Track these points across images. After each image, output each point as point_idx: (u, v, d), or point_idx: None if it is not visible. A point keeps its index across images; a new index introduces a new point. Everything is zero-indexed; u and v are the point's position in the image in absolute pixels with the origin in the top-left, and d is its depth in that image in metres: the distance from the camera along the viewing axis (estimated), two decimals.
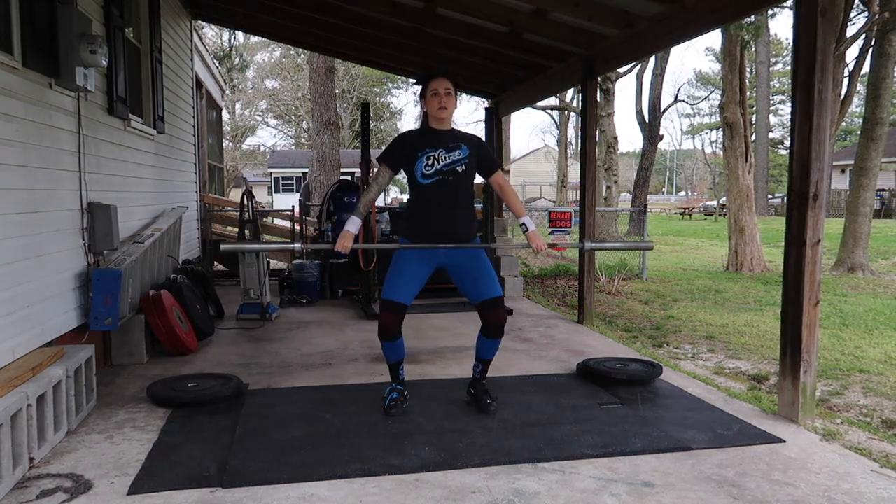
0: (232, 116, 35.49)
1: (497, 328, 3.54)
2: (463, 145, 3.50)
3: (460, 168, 3.46)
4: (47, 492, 2.64)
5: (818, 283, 3.48)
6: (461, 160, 3.46)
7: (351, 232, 3.40)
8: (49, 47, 3.68)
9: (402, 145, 3.54)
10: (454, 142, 3.50)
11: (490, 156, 3.65)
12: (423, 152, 3.45)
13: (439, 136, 3.49)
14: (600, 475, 2.81)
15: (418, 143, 3.48)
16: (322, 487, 2.69)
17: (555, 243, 3.75)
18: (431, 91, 3.44)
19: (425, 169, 3.43)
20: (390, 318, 3.47)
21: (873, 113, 10.87)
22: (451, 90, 3.46)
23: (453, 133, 3.55)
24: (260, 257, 6.31)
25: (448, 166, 3.44)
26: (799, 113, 3.44)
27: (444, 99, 3.43)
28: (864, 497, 2.64)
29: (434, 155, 3.44)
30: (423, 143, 3.47)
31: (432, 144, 3.46)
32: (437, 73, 3.50)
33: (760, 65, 34.31)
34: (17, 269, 3.35)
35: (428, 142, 3.47)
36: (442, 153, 3.46)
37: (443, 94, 3.43)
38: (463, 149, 3.49)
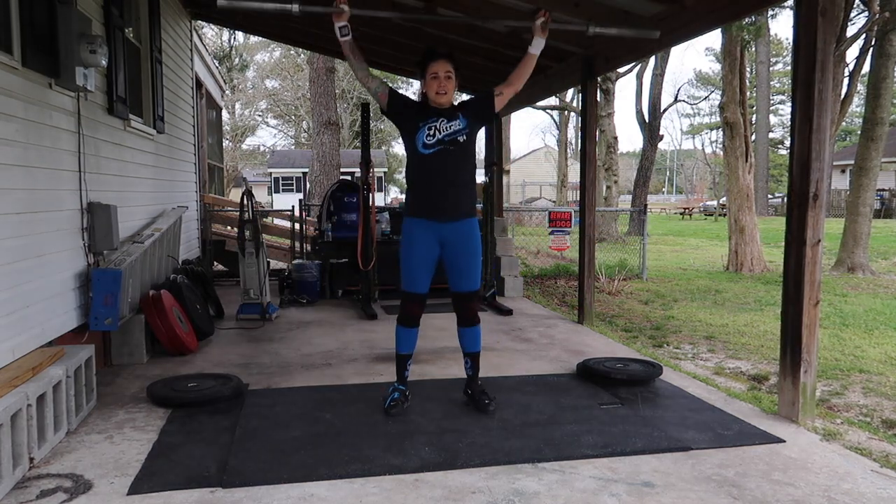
0: (232, 116, 35.50)
1: (468, 316, 3.65)
2: (461, 115, 3.49)
3: (461, 138, 3.46)
4: (47, 492, 2.64)
5: (818, 283, 3.48)
6: (462, 130, 3.47)
7: None
8: (49, 47, 3.68)
9: (406, 101, 3.57)
10: (455, 113, 3.50)
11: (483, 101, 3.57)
12: (424, 122, 3.45)
13: (440, 111, 3.49)
14: (600, 475, 2.81)
15: (421, 112, 3.48)
16: (322, 487, 2.69)
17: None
18: (431, 74, 3.40)
19: (427, 139, 3.43)
20: (414, 307, 3.59)
21: (873, 113, 10.87)
22: (451, 73, 3.41)
23: (453, 107, 3.54)
24: (260, 257, 6.31)
25: (450, 136, 3.45)
26: (799, 113, 3.44)
27: (443, 83, 3.39)
28: (864, 497, 2.64)
29: (435, 125, 3.44)
30: (425, 114, 3.47)
31: (434, 115, 3.47)
32: (437, 54, 3.44)
33: (760, 65, 34.31)
34: (18, 269, 3.35)
35: (429, 113, 3.47)
36: (443, 122, 3.45)
37: (442, 78, 3.39)
38: (461, 119, 3.48)
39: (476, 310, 3.69)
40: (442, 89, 3.40)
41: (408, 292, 3.59)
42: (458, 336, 3.71)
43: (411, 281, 3.57)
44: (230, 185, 24.83)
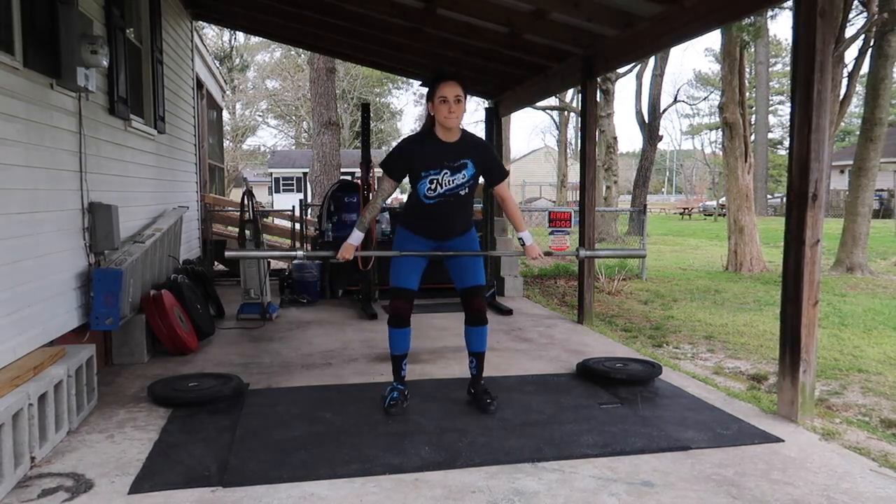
0: (232, 116, 35.51)
1: (477, 315, 3.63)
2: (469, 163, 3.42)
3: (463, 192, 3.46)
4: (48, 491, 2.65)
5: (817, 283, 3.49)
6: (465, 183, 3.44)
7: (352, 244, 3.45)
8: (50, 48, 3.68)
9: (405, 157, 3.45)
10: (460, 158, 3.41)
11: (496, 166, 3.56)
12: (427, 173, 3.39)
13: (444, 151, 3.39)
14: (600, 475, 2.82)
15: (421, 160, 3.39)
16: (322, 487, 2.70)
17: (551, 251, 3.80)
18: (440, 97, 3.30)
19: (428, 192, 3.43)
20: (402, 304, 3.56)
21: (872, 113, 10.87)
22: (460, 96, 3.32)
23: (460, 144, 3.43)
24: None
25: (451, 190, 3.43)
26: (798, 113, 3.45)
27: (453, 106, 3.30)
28: (862, 496, 2.65)
29: (437, 179, 3.40)
30: (427, 160, 3.39)
31: (436, 163, 3.38)
32: (446, 76, 3.35)
33: (760, 65, 34.33)
34: (19, 269, 3.36)
35: (432, 159, 3.38)
36: (446, 176, 3.40)
37: (452, 102, 3.29)
38: (469, 168, 3.43)
39: (484, 308, 3.67)
40: (451, 114, 3.31)
41: (395, 288, 3.57)
42: (464, 335, 3.71)
43: (398, 276, 3.57)
44: (231, 185, 24.84)
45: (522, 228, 3.59)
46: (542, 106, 26.03)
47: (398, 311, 3.57)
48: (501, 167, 3.61)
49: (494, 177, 3.56)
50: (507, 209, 3.63)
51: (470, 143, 3.47)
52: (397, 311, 3.57)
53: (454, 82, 3.33)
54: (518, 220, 3.62)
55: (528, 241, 3.57)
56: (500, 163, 3.64)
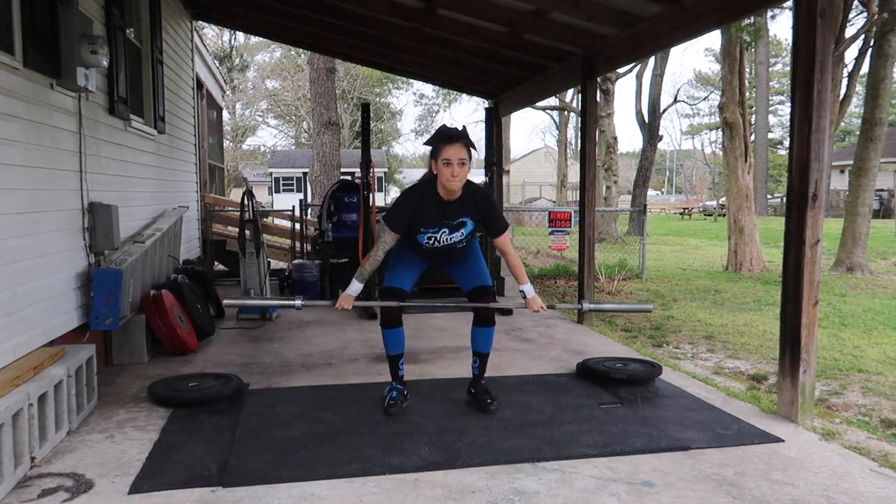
0: (232, 116, 35.52)
1: (486, 315, 3.63)
2: (468, 220, 3.44)
3: (460, 245, 3.52)
4: (48, 491, 2.65)
5: (817, 283, 3.49)
6: (462, 239, 3.49)
7: (351, 295, 3.47)
8: (50, 48, 3.68)
9: (406, 213, 3.42)
10: (459, 216, 3.41)
11: (495, 220, 3.51)
12: (426, 230, 3.42)
13: (444, 210, 3.39)
14: (600, 475, 2.82)
15: (421, 217, 3.40)
16: (322, 487, 2.70)
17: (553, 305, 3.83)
18: (444, 159, 3.26)
19: (426, 244, 3.48)
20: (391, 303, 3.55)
21: (872, 113, 10.87)
22: (465, 160, 3.27)
23: (461, 202, 3.40)
24: (260, 257, 6.32)
25: (449, 245, 3.49)
26: (798, 113, 3.45)
27: (456, 169, 3.25)
28: (862, 496, 2.65)
29: (436, 236, 3.44)
30: (427, 219, 3.39)
31: (435, 222, 3.40)
32: (453, 138, 3.28)
33: (760, 65, 34.32)
34: (19, 269, 3.36)
35: (431, 218, 3.39)
36: (444, 234, 3.44)
37: (455, 165, 3.25)
38: (467, 226, 3.46)
39: (493, 308, 3.65)
40: (455, 177, 3.27)
41: (386, 286, 3.58)
42: (471, 335, 3.70)
43: (391, 274, 3.59)
44: (231, 185, 24.84)
45: (524, 281, 3.54)
46: (542, 106, 26.04)
47: (389, 312, 3.58)
48: (501, 221, 3.53)
49: (493, 231, 3.53)
50: (509, 262, 3.57)
51: (470, 199, 3.43)
52: (388, 312, 3.58)
53: (459, 144, 3.27)
54: (519, 273, 3.55)
55: (530, 295, 3.53)
56: (499, 216, 3.56)
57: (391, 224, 3.44)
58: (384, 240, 3.47)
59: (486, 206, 3.48)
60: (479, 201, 3.45)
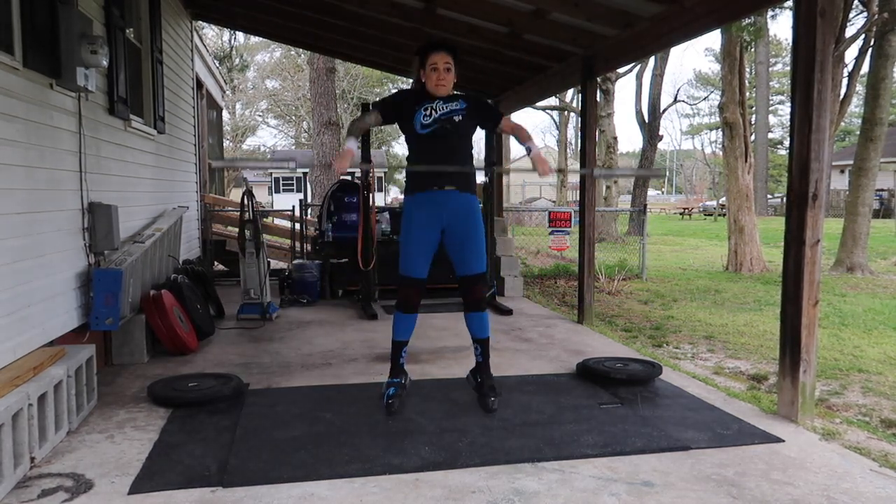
0: (232, 116, 35.52)
1: (475, 301, 3.66)
2: (460, 100, 3.55)
3: (457, 118, 3.51)
4: (48, 491, 2.65)
5: (817, 283, 3.49)
6: (459, 110, 3.52)
7: (350, 149, 3.45)
8: (50, 48, 3.68)
9: (399, 99, 3.59)
10: (452, 100, 3.53)
11: (489, 106, 3.65)
12: (421, 104, 3.50)
13: (437, 97, 3.52)
14: (600, 475, 2.82)
15: (416, 100, 3.51)
16: (322, 487, 2.70)
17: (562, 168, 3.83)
18: (430, 65, 3.41)
19: (424, 119, 3.48)
20: (411, 292, 3.61)
21: (872, 113, 10.88)
22: (450, 65, 3.42)
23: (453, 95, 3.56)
24: (260, 257, 6.32)
25: (446, 115, 3.50)
26: (798, 113, 3.45)
27: (442, 74, 3.40)
28: (863, 496, 2.65)
29: (431, 106, 3.49)
30: (422, 100, 3.51)
31: (430, 99, 3.51)
32: (437, 45, 3.43)
33: (760, 65, 34.34)
34: (19, 269, 3.36)
35: (426, 98, 3.51)
36: (439, 104, 3.50)
37: (441, 70, 3.40)
38: (460, 102, 3.53)
39: (482, 294, 3.68)
40: (441, 81, 3.41)
41: (406, 276, 3.60)
42: (466, 323, 3.73)
43: (410, 264, 3.59)
44: (230, 185, 24.82)
45: (530, 139, 3.59)
46: (542, 106, 26.03)
47: (409, 299, 3.62)
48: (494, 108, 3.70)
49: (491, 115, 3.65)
50: (514, 132, 3.63)
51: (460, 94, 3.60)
52: (408, 299, 3.62)
53: (444, 51, 3.41)
54: (523, 133, 3.61)
55: (535, 150, 3.57)
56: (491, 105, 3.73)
57: (381, 107, 3.61)
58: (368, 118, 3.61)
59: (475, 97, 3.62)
60: (468, 95, 3.60)
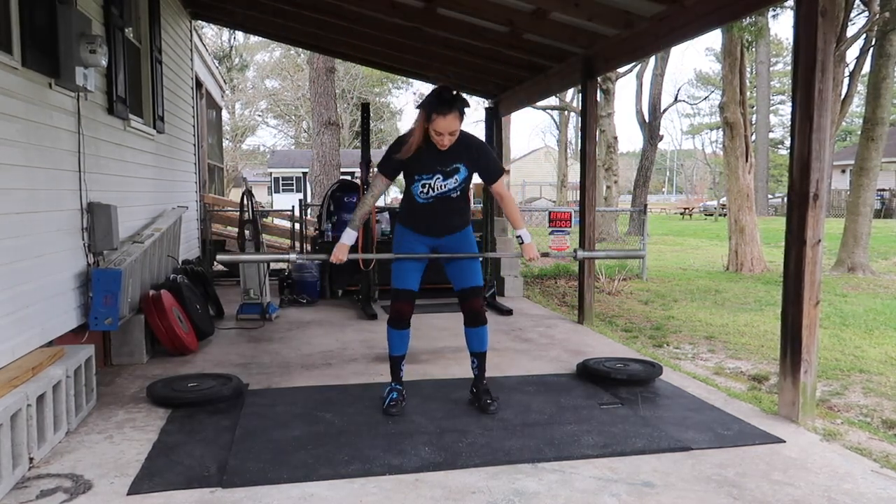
0: (232, 116, 35.51)
1: (473, 315, 3.62)
2: (462, 167, 3.40)
3: (454, 195, 3.48)
4: (47, 492, 2.64)
5: (818, 283, 3.48)
6: (457, 187, 3.45)
7: (346, 244, 3.42)
8: (49, 47, 3.67)
9: (399, 157, 3.40)
10: (453, 162, 3.39)
11: (491, 164, 3.50)
12: (419, 177, 3.40)
13: (438, 156, 3.37)
14: (600, 475, 2.81)
15: (415, 162, 3.38)
16: (322, 487, 2.69)
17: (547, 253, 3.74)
18: (435, 129, 3.24)
19: (419, 194, 3.46)
20: (404, 305, 3.57)
21: (873, 113, 10.87)
22: (455, 132, 3.28)
23: (454, 149, 3.36)
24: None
25: (443, 193, 3.45)
26: (799, 113, 3.44)
27: (446, 139, 3.28)
28: (864, 497, 2.64)
29: (429, 183, 3.41)
30: (420, 165, 3.38)
31: (429, 168, 3.38)
32: (445, 107, 3.21)
33: (760, 65, 34.32)
34: (18, 269, 3.35)
35: (425, 164, 3.38)
36: (438, 181, 3.41)
37: (446, 136, 3.27)
38: (461, 172, 3.41)
39: (482, 308, 3.65)
40: (445, 145, 3.30)
41: (397, 289, 3.58)
42: (465, 336, 3.70)
43: (400, 277, 3.57)
44: (230, 185, 24.83)
45: (521, 226, 3.58)
46: (542, 106, 26.01)
47: (400, 313, 3.58)
48: (497, 166, 3.56)
49: (490, 176, 3.53)
50: (505, 207, 3.61)
51: (464, 145, 3.41)
52: (399, 313, 3.58)
53: (452, 115, 3.22)
54: (516, 218, 3.60)
55: (527, 240, 3.55)
56: (495, 161, 3.57)
57: (383, 168, 3.47)
58: (376, 184, 3.50)
59: (480, 153, 3.45)
60: (472, 147, 3.43)
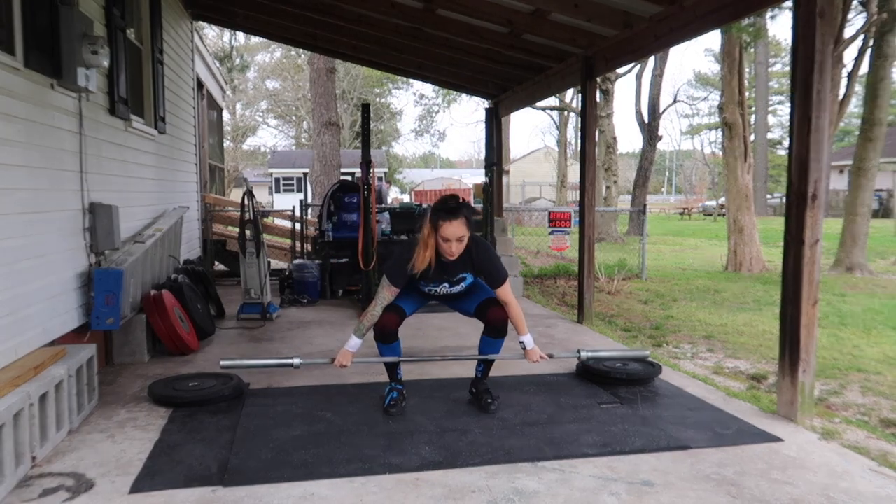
0: (233, 117, 35.52)
1: (498, 327, 3.57)
2: (468, 276, 3.49)
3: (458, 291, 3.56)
4: (49, 490, 2.66)
5: (817, 283, 3.50)
6: (463, 289, 3.54)
7: (350, 352, 3.47)
8: (51, 48, 3.69)
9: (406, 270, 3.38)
10: (459, 273, 3.45)
11: (493, 271, 3.47)
12: (427, 285, 3.50)
13: (444, 269, 3.42)
14: (600, 474, 2.82)
15: (422, 276, 3.42)
16: (323, 486, 2.70)
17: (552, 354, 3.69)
18: (443, 237, 3.27)
19: (426, 291, 3.55)
20: (391, 318, 3.47)
21: (871, 113, 10.88)
22: (463, 237, 3.29)
23: (461, 260, 3.40)
24: (261, 257, 6.32)
25: (449, 296, 3.56)
26: (798, 113, 3.46)
27: (454, 246, 3.29)
28: (862, 495, 2.65)
29: (436, 290, 3.51)
30: (428, 276, 3.43)
31: (436, 278, 3.45)
32: (452, 213, 3.26)
33: (759, 65, 34.34)
34: (20, 270, 3.36)
35: (432, 275, 3.42)
36: (444, 288, 3.51)
37: (454, 242, 3.29)
38: (467, 280, 3.51)
39: (506, 318, 3.54)
40: (454, 253, 3.31)
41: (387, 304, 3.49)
42: (480, 342, 3.68)
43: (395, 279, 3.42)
44: (231, 186, 24.83)
45: (524, 332, 3.55)
46: (542, 106, 26.03)
47: (385, 327, 3.46)
48: (500, 272, 3.49)
49: (493, 283, 3.52)
50: (510, 313, 3.52)
51: (469, 255, 3.42)
52: (384, 327, 3.46)
53: (458, 221, 3.26)
54: (519, 323, 3.54)
55: (529, 346, 3.53)
56: (498, 267, 3.51)
57: (392, 279, 3.40)
58: (382, 295, 3.42)
59: (485, 261, 3.46)
60: (477, 257, 3.45)
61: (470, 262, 3.43)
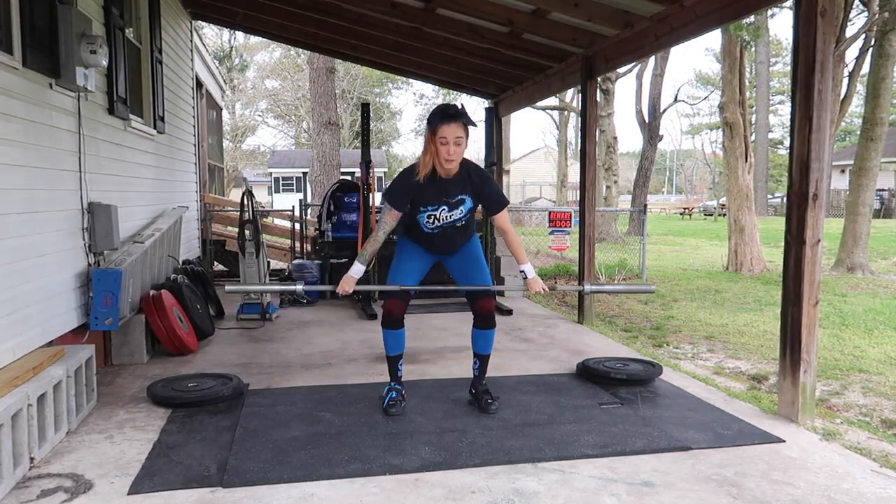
0: (232, 116, 35.52)
1: (485, 317, 3.61)
2: (467, 198, 3.44)
3: (460, 223, 3.50)
4: (48, 491, 2.65)
5: (818, 283, 3.49)
6: (462, 217, 3.48)
7: (354, 277, 3.42)
8: (49, 47, 3.68)
9: (405, 191, 3.40)
10: (458, 194, 3.41)
11: (493, 195, 3.48)
12: (425, 208, 3.42)
13: (443, 188, 3.38)
14: (600, 475, 2.81)
15: (420, 195, 3.39)
16: (322, 487, 2.69)
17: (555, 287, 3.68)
18: (440, 138, 3.24)
19: (426, 224, 3.47)
20: (396, 304, 3.54)
21: (873, 113, 10.87)
22: (461, 139, 3.26)
23: (459, 179, 3.39)
24: (260, 257, 6.32)
25: (449, 223, 3.48)
26: (799, 113, 3.45)
27: (452, 149, 3.25)
28: (863, 497, 2.64)
29: (435, 214, 3.44)
30: (426, 197, 3.39)
31: (435, 200, 3.40)
32: (450, 116, 3.24)
33: (760, 65, 34.32)
34: (18, 269, 3.35)
35: (431, 195, 3.39)
36: (444, 212, 3.44)
37: (452, 144, 3.25)
38: (466, 203, 3.45)
39: (493, 310, 3.63)
40: (451, 156, 3.27)
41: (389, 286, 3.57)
42: (471, 337, 3.70)
43: (395, 276, 3.55)
44: (230, 185, 24.84)
45: (524, 261, 3.53)
46: (542, 106, 26.04)
47: (391, 312, 3.56)
48: (500, 198, 3.51)
49: (492, 208, 3.51)
50: (508, 241, 3.54)
51: (468, 176, 3.42)
52: (390, 312, 3.56)
53: (457, 123, 3.24)
54: (519, 252, 3.55)
55: (530, 275, 3.51)
56: (498, 193, 3.54)
57: (392, 201, 3.42)
58: (385, 220, 3.44)
59: (484, 184, 3.46)
60: (476, 178, 3.44)
61: (469, 182, 3.42)
